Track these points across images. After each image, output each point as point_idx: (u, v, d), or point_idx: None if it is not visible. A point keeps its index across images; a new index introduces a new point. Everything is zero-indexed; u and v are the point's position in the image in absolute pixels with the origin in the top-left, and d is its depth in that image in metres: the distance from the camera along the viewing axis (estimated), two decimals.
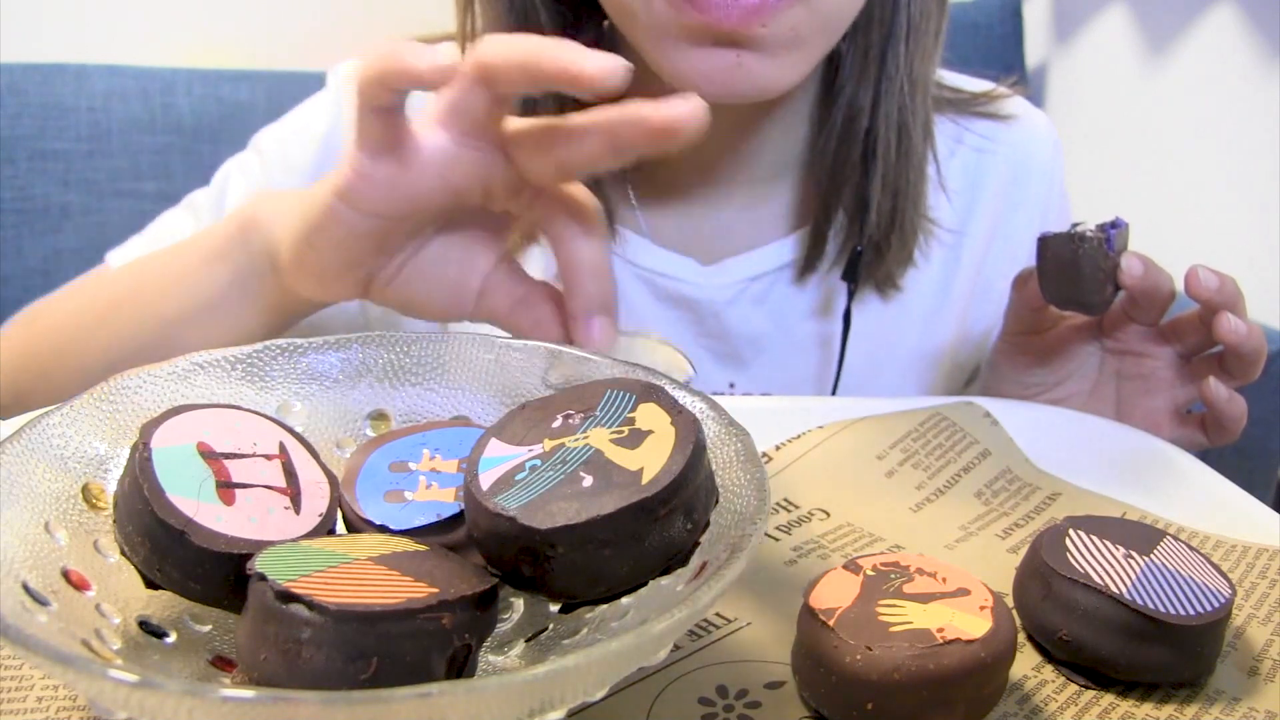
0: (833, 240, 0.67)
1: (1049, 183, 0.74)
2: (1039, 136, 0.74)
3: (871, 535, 0.44)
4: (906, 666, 0.31)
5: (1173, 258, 0.57)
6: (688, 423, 0.32)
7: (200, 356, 0.37)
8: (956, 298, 0.71)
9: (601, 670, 0.26)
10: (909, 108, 0.63)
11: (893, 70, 0.62)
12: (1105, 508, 0.47)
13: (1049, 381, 0.62)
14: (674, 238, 0.69)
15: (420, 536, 0.34)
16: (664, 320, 0.69)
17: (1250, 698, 0.35)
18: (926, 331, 0.71)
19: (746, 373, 0.69)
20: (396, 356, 0.40)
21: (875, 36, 0.62)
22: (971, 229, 0.71)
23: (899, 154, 0.64)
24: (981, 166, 0.72)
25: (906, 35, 0.62)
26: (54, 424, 0.33)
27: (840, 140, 0.65)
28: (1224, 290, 0.53)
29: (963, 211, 0.71)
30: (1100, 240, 0.53)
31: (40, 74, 1.18)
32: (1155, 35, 1.42)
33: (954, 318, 0.72)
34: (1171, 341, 0.58)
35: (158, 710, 0.24)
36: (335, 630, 0.26)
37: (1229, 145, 1.31)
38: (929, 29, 0.63)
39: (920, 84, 0.63)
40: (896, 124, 0.63)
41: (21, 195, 1.17)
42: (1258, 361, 0.55)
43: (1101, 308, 0.55)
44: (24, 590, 0.29)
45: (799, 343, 0.70)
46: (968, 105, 0.72)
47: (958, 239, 0.71)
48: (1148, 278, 0.54)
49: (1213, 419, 0.57)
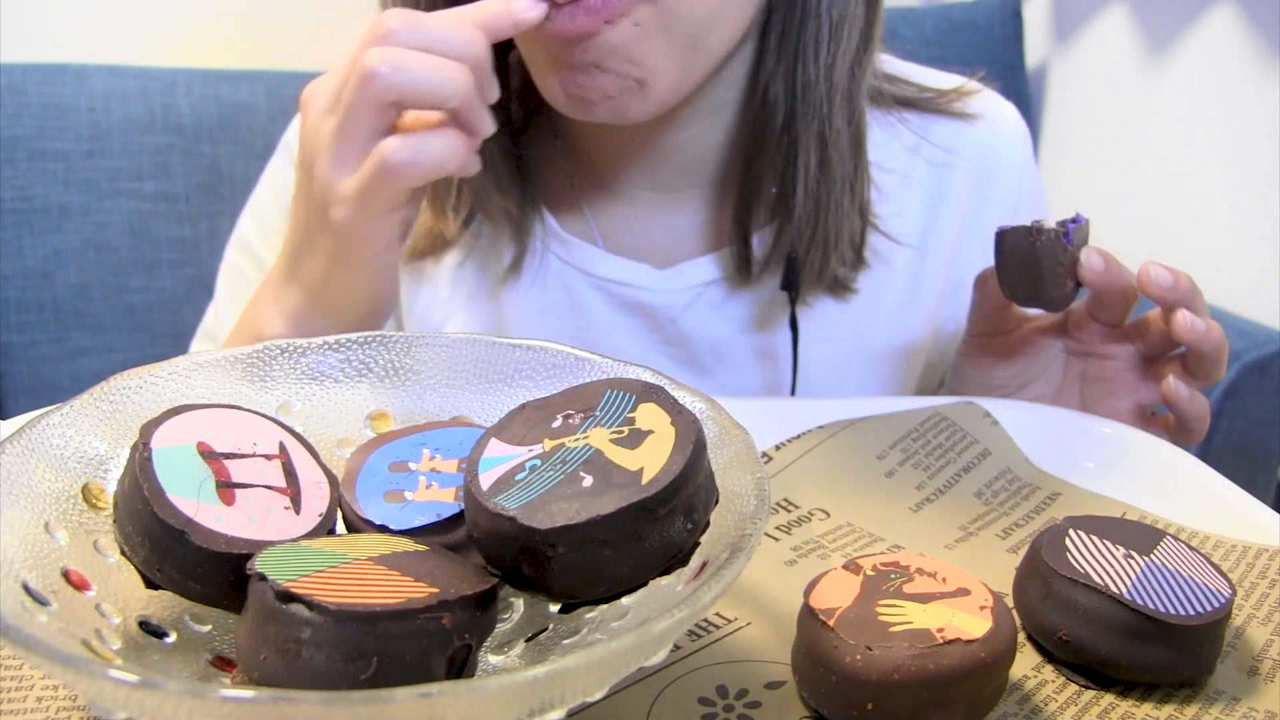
0: (759, 247, 0.66)
1: (1018, 177, 0.73)
2: (1005, 132, 0.73)
3: (871, 535, 0.44)
4: (906, 666, 0.31)
5: (1172, 257, 0.57)
6: (688, 423, 0.32)
7: (200, 356, 0.38)
8: (926, 298, 0.71)
9: (601, 670, 0.26)
10: (827, 114, 0.61)
11: (811, 75, 0.60)
12: (1105, 508, 0.47)
13: (1013, 384, 0.62)
14: (626, 244, 0.68)
15: (420, 536, 0.34)
16: (623, 328, 0.68)
17: (1250, 698, 0.35)
18: (895, 332, 0.70)
19: (712, 380, 0.68)
20: (396, 356, 0.40)
21: (785, 40, 0.61)
22: (936, 234, 0.70)
23: (820, 163, 0.62)
24: (942, 182, 0.70)
25: (820, 38, 0.60)
26: (54, 424, 0.33)
27: (755, 146, 0.64)
28: (1178, 287, 0.53)
29: (924, 225, 0.70)
30: (1058, 234, 0.52)
31: (40, 74, 1.18)
32: (1155, 35, 1.42)
33: (925, 317, 0.71)
34: (1135, 342, 0.58)
35: (158, 710, 0.24)
36: (335, 630, 0.26)
37: (1229, 145, 1.31)
38: (850, 32, 0.60)
39: (841, 89, 0.61)
40: (816, 132, 0.61)
41: (21, 195, 1.17)
42: (1219, 360, 0.54)
43: (1062, 304, 0.54)
44: (24, 590, 0.29)
45: (761, 348, 0.69)
46: (931, 104, 0.70)
47: (923, 241, 0.70)
48: (1109, 273, 0.54)
49: (1176, 419, 0.56)
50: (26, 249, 1.17)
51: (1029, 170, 0.74)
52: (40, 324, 1.19)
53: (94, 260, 1.20)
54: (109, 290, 1.20)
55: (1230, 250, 1.28)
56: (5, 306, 1.18)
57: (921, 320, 0.71)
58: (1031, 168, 0.75)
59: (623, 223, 0.69)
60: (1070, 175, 0.76)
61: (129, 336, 1.21)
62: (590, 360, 0.39)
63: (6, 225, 1.16)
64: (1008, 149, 0.73)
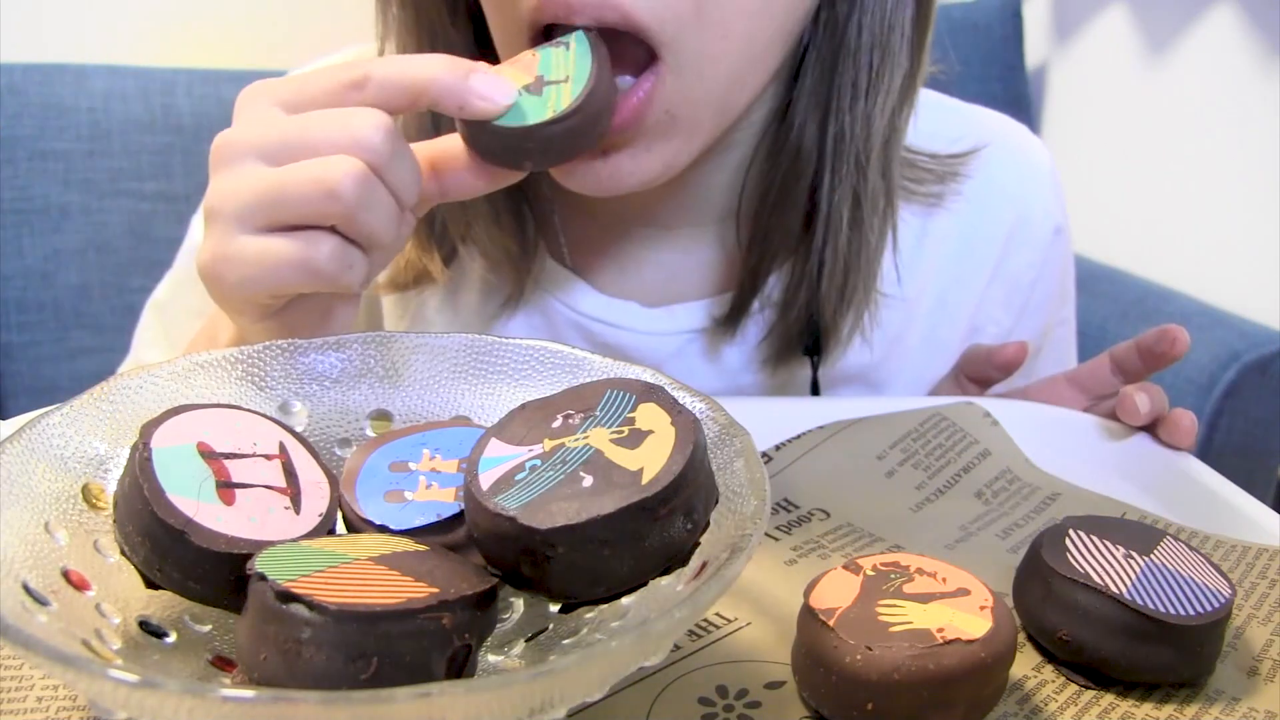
0: (766, 299, 0.62)
1: (1051, 223, 0.70)
2: (1038, 177, 0.70)
3: (871, 535, 0.44)
4: (906, 666, 0.31)
5: (1172, 257, 0.57)
6: (688, 423, 0.32)
7: (200, 356, 0.37)
8: (946, 341, 0.68)
9: (601, 670, 0.26)
10: (864, 168, 0.57)
11: (846, 126, 0.56)
12: (1105, 508, 0.47)
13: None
14: (614, 282, 0.64)
15: (420, 536, 0.34)
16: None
17: (1250, 698, 0.35)
18: (911, 378, 0.68)
19: None
20: (396, 356, 0.40)
21: (820, 84, 0.56)
22: (959, 284, 0.68)
23: (851, 222, 0.58)
24: (968, 231, 0.67)
25: (858, 84, 0.55)
26: (54, 424, 0.33)
27: (779, 195, 0.59)
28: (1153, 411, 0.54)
29: (950, 272, 0.68)
30: None
31: (40, 74, 1.18)
32: (1155, 35, 1.42)
33: (944, 362, 0.69)
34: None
35: (158, 710, 0.24)
36: (335, 630, 0.26)
37: (1229, 145, 1.31)
38: (891, 80, 0.56)
39: (879, 142, 0.57)
40: (850, 189, 0.57)
41: (21, 195, 1.17)
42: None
43: None
44: (24, 590, 0.29)
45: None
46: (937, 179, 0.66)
47: (943, 293, 0.68)
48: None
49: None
50: (26, 249, 1.18)
51: (1059, 208, 0.71)
52: (40, 324, 1.19)
53: (94, 260, 1.20)
54: (109, 290, 1.20)
55: (1230, 250, 1.28)
56: (5, 306, 1.18)
57: (940, 364, 0.69)
58: (1061, 210, 0.71)
59: (610, 258, 0.64)
60: (1070, 175, 0.76)
61: (129, 336, 1.21)
62: (590, 360, 0.39)
63: (6, 225, 1.16)
64: (1042, 198, 0.70)
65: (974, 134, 0.68)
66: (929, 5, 0.57)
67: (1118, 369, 0.58)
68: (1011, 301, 0.69)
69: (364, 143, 0.41)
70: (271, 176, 0.41)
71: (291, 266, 0.41)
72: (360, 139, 0.41)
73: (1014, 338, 0.69)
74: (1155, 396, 0.54)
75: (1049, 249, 0.70)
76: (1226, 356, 1.11)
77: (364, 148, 0.41)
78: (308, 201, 0.41)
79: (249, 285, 0.42)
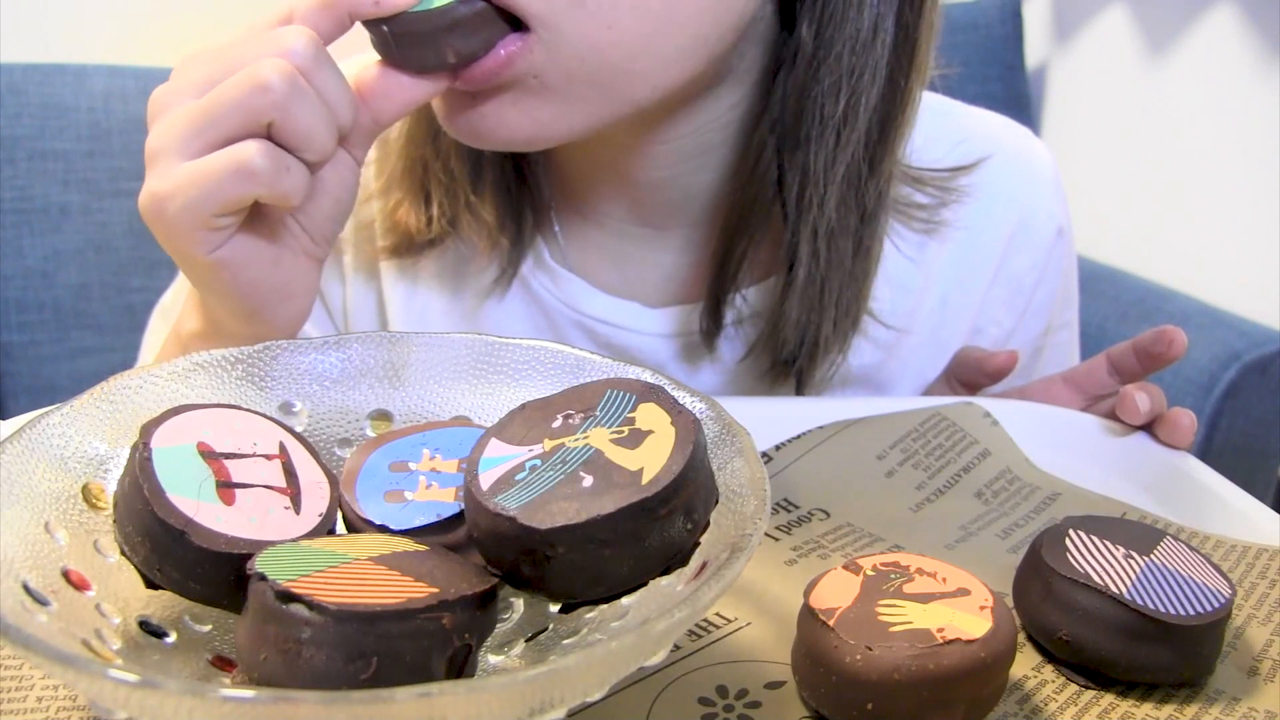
0: (746, 305, 0.62)
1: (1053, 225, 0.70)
2: (1039, 183, 0.70)
3: (871, 535, 0.44)
4: (906, 666, 0.31)
5: (1172, 257, 0.57)
6: (688, 423, 0.32)
7: (200, 356, 0.37)
8: (947, 343, 0.68)
9: (601, 670, 0.26)
10: (820, 204, 0.56)
11: (812, 161, 0.55)
12: (1105, 508, 0.47)
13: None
14: (614, 281, 0.65)
15: (420, 536, 0.34)
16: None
17: (1250, 698, 0.35)
18: (912, 378, 0.68)
19: None
20: (396, 356, 0.40)
21: (791, 105, 0.55)
22: (961, 288, 0.68)
23: (812, 255, 0.57)
24: (971, 239, 0.67)
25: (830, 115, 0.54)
26: (54, 424, 0.33)
27: (747, 205, 0.59)
28: (1153, 410, 0.54)
29: (951, 277, 0.67)
30: None
31: (40, 74, 1.18)
32: (1155, 35, 1.42)
33: (944, 363, 0.69)
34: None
35: (158, 710, 0.24)
36: (335, 630, 0.26)
37: (1229, 145, 1.31)
38: (864, 117, 0.54)
39: (842, 173, 0.55)
40: (810, 226, 0.56)
41: (21, 195, 1.17)
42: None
43: None
44: (24, 590, 0.29)
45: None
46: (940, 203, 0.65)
47: (944, 299, 0.67)
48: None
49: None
50: (26, 249, 1.17)
51: (1061, 210, 0.71)
52: (40, 324, 1.19)
53: (94, 260, 1.20)
54: (109, 290, 1.20)
55: (1230, 250, 1.28)
56: (5, 306, 1.18)
57: (942, 366, 0.69)
58: (1063, 212, 0.71)
59: (610, 256, 0.65)
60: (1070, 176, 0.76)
61: (129, 336, 1.21)
62: (590, 360, 0.39)
63: (6, 225, 1.16)
64: (1044, 200, 0.69)
65: (975, 139, 0.68)
66: (917, 31, 0.56)
67: (1115, 370, 0.58)
68: (1013, 303, 0.69)
69: (289, 49, 0.43)
70: (203, 100, 0.43)
71: (228, 173, 0.42)
72: (285, 47, 0.43)
73: (1016, 339, 0.69)
74: (1154, 396, 0.54)
75: (1051, 251, 0.69)
76: (1226, 356, 1.11)
77: (290, 53, 0.43)
78: (238, 106, 0.42)
79: (191, 209, 0.43)
